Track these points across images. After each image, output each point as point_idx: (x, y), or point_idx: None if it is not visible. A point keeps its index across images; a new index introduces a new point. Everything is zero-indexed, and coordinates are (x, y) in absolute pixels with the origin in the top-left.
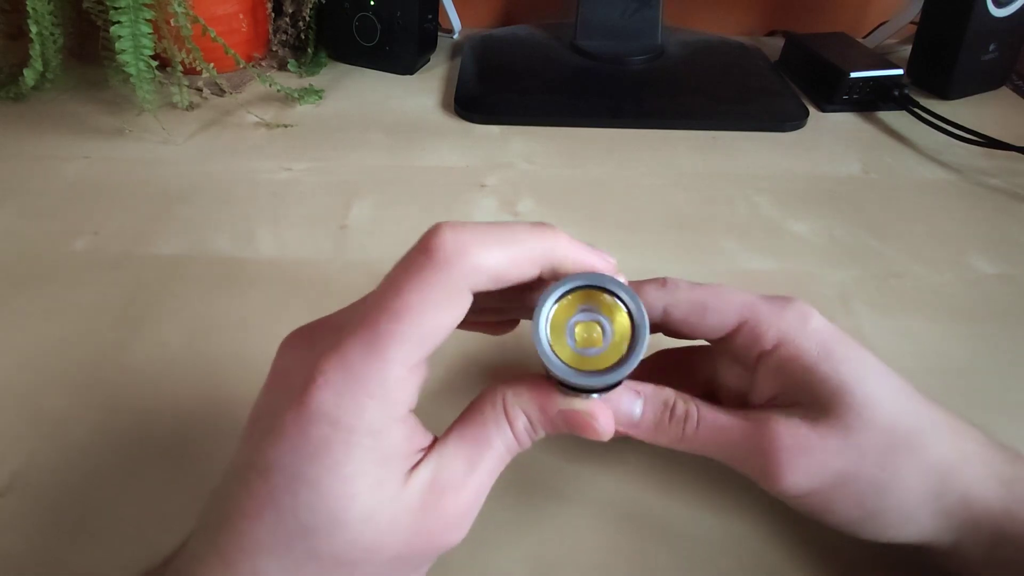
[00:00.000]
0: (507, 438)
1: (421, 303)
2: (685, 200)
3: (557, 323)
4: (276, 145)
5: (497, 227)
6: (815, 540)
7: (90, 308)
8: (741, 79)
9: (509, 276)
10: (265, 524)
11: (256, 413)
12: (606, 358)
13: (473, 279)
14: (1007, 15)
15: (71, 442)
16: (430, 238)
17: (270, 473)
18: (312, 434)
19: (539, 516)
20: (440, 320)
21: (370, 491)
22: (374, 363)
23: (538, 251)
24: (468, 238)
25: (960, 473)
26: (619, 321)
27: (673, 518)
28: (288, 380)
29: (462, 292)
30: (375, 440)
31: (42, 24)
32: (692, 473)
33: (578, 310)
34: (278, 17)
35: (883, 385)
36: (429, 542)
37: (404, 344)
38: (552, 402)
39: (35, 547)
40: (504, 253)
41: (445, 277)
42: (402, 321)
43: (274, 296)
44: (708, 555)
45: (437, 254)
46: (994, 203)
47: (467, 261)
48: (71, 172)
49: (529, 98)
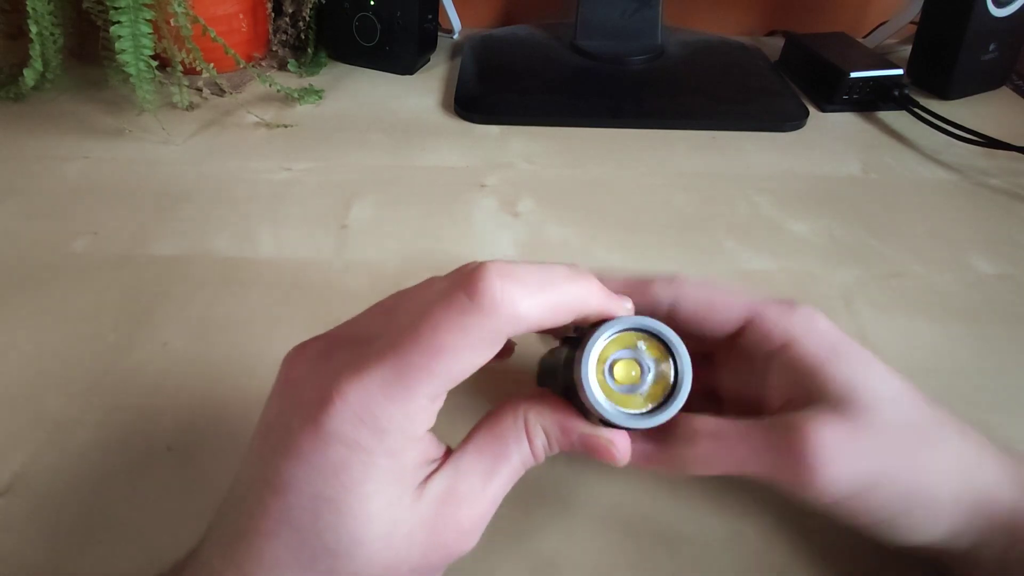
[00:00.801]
0: (524, 453)
1: (458, 345)
2: (685, 200)
3: (598, 360)
4: (276, 145)
5: (540, 274)
6: (817, 544)
7: (90, 308)
8: (741, 79)
9: (545, 325)
10: (283, 542)
11: (266, 425)
12: (645, 398)
13: (513, 328)
14: (1007, 15)
15: (71, 442)
16: (477, 282)
17: (286, 492)
18: (330, 455)
19: (541, 520)
20: (472, 362)
21: (388, 509)
22: (399, 393)
23: (575, 302)
24: (513, 288)
25: (978, 473)
26: (661, 363)
27: (675, 521)
28: (302, 394)
29: (500, 338)
30: (392, 461)
31: (42, 24)
32: (693, 478)
33: (618, 348)
34: (278, 17)
35: (892, 386)
36: (443, 552)
37: (433, 380)
38: (574, 425)
39: (35, 548)
40: (545, 303)
41: (487, 324)
42: (436, 359)
43: (274, 296)
44: (710, 558)
45: (483, 299)
46: (994, 203)
47: (511, 311)
48: (71, 172)
49: (529, 98)
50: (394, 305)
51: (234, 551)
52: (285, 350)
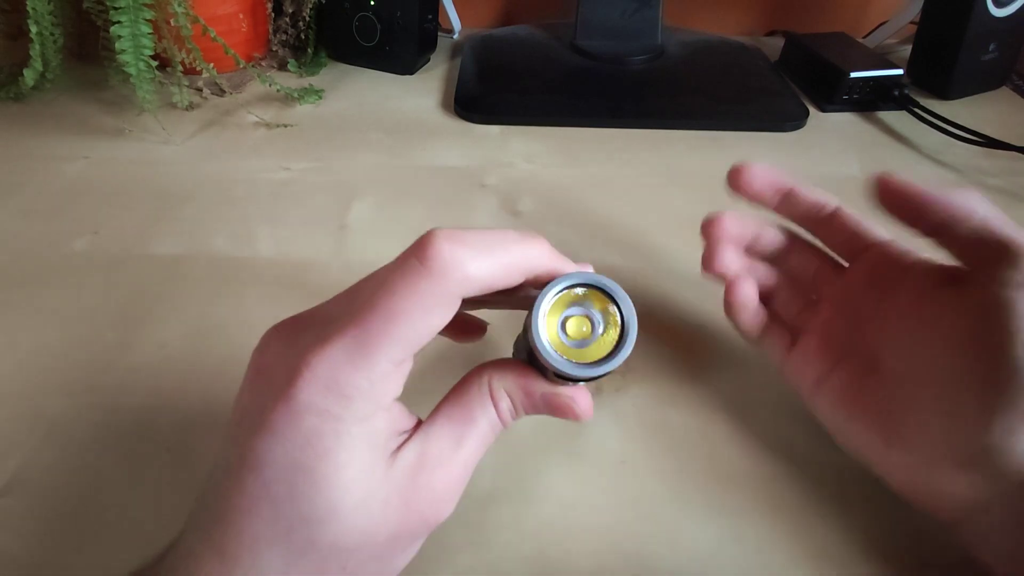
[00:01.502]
0: (491, 417)
1: (413, 308)
2: (685, 200)
3: (550, 317)
4: (276, 145)
5: (488, 236)
6: (815, 542)
7: (90, 308)
8: (741, 79)
9: (496, 285)
10: (262, 518)
11: (240, 411)
12: (595, 350)
13: (464, 287)
14: (1007, 15)
15: (71, 442)
16: (426, 246)
17: (262, 467)
18: (302, 425)
19: (541, 520)
20: (429, 324)
21: (363, 476)
22: (361, 360)
23: (524, 261)
24: (462, 249)
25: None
26: (609, 317)
27: (674, 519)
28: (272, 375)
29: (453, 299)
30: (363, 427)
31: (42, 24)
32: (693, 473)
33: (569, 305)
34: (278, 17)
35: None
36: (420, 518)
37: (393, 344)
38: (536, 386)
39: (34, 547)
40: (494, 263)
41: (438, 285)
42: (394, 322)
43: (274, 296)
44: (708, 555)
45: (433, 262)
46: (994, 203)
47: (460, 271)
48: (71, 172)
49: (529, 98)
50: (356, 286)
51: (213, 533)
52: None
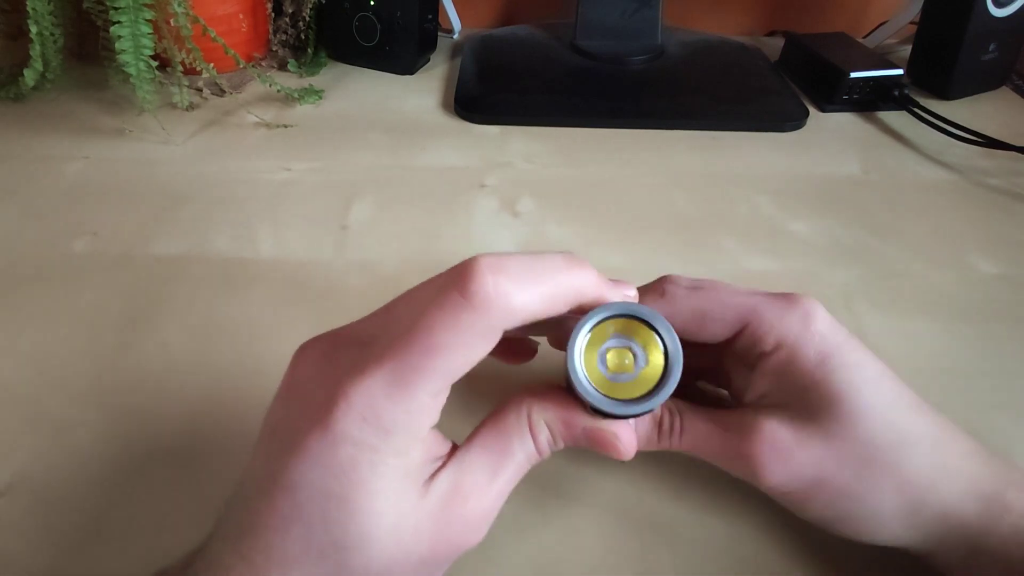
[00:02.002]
0: (528, 449)
1: (453, 344)
2: (685, 200)
3: (590, 347)
4: (276, 145)
5: (533, 265)
6: (817, 543)
7: (90, 309)
8: (741, 79)
9: (540, 316)
10: (292, 538)
11: (272, 425)
12: (636, 385)
13: (507, 321)
14: (1007, 15)
15: (71, 443)
16: (468, 278)
17: (295, 490)
18: (338, 454)
19: (542, 518)
20: (469, 357)
21: (396, 504)
22: (399, 394)
23: (570, 291)
24: (505, 281)
25: (938, 489)
26: (652, 350)
27: (676, 520)
28: (308, 395)
29: (494, 333)
30: (399, 459)
31: (42, 24)
32: (695, 475)
33: (611, 336)
34: (278, 17)
35: (875, 396)
36: (450, 545)
37: (432, 378)
38: (577, 419)
39: (35, 548)
40: (539, 295)
41: (481, 320)
42: (433, 358)
43: (275, 296)
44: (710, 557)
45: (475, 298)
46: (994, 203)
47: (504, 305)
48: (71, 172)
49: (529, 98)
50: (394, 306)
51: (243, 545)
52: (286, 350)
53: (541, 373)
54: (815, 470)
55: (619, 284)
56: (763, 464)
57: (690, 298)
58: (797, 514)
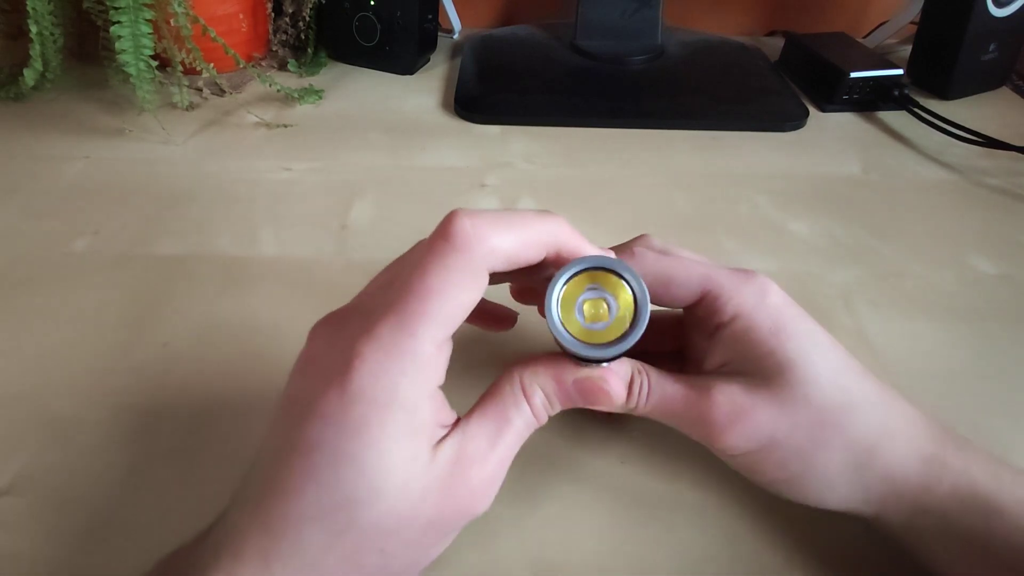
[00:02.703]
0: (525, 414)
1: (445, 284)
2: (685, 200)
3: (567, 300)
4: (276, 145)
5: (508, 214)
6: (815, 539)
7: (91, 309)
8: (741, 79)
9: (520, 258)
10: (307, 498)
11: (290, 397)
12: (611, 331)
13: (490, 260)
14: (1007, 15)
15: (73, 442)
16: (449, 224)
17: (312, 452)
18: (352, 413)
19: (540, 515)
20: (462, 299)
21: (404, 463)
22: (405, 342)
23: (545, 236)
24: (483, 224)
25: (883, 450)
26: (623, 298)
27: (675, 517)
28: (323, 364)
29: (481, 273)
30: (408, 415)
31: (42, 24)
32: (693, 471)
33: (585, 289)
34: (278, 17)
35: (824, 362)
36: (458, 510)
37: (432, 323)
38: (566, 374)
39: (37, 547)
40: (516, 237)
41: (465, 259)
42: (429, 301)
43: (275, 296)
44: (708, 553)
45: (457, 239)
46: (994, 203)
47: (484, 244)
48: (71, 172)
49: (529, 98)
50: (390, 273)
51: (259, 511)
52: (287, 349)
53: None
54: (769, 432)
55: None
56: (721, 426)
57: (658, 262)
58: (751, 478)
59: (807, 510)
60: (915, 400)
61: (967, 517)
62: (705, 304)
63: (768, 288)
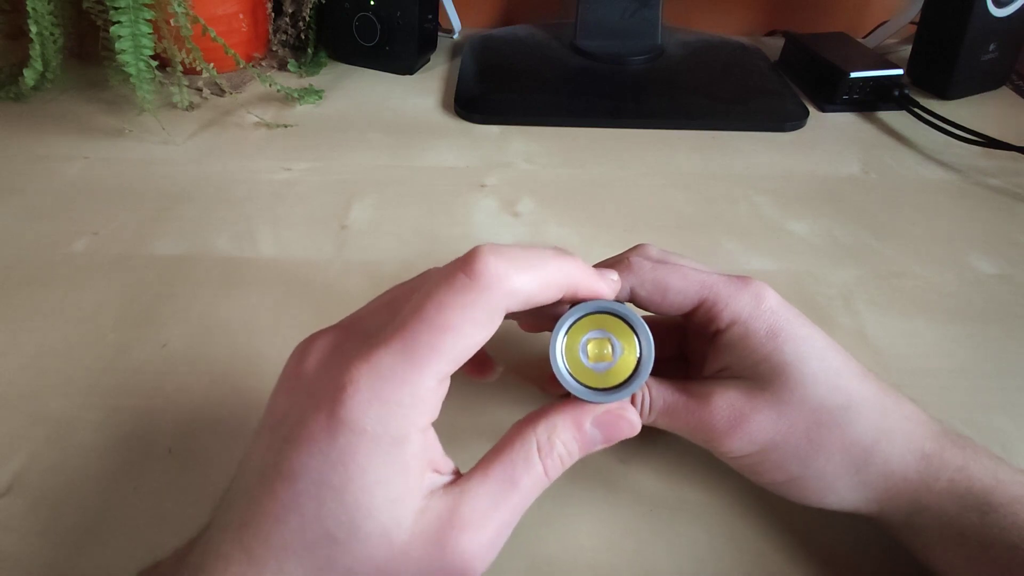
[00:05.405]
0: (535, 474)
1: (463, 321)
2: (685, 200)
3: (572, 339)
4: (276, 145)
5: (529, 253)
6: (817, 541)
7: (90, 309)
8: (741, 79)
9: (537, 299)
10: (290, 528)
11: (276, 415)
12: (616, 372)
13: (508, 302)
14: (1007, 15)
15: (71, 443)
16: (474, 261)
17: (295, 479)
18: (339, 442)
19: (538, 516)
20: (477, 339)
21: (389, 505)
22: (409, 373)
23: (563, 278)
24: (507, 263)
25: (881, 449)
26: (627, 341)
27: (674, 517)
28: (313, 386)
29: (498, 313)
30: (398, 449)
31: (42, 24)
32: (694, 471)
33: (590, 330)
34: (278, 17)
35: (821, 364)
36: (445, 573)
37: (441, 358)
38: (584, 417)
39: (35, 548)
40: (536, 278)
41: (486, 300)
42: (443, 336)
43: (275, 296)
44: (709, 555)
45: (481, 278)
46: (994, 203)
47: (506, 285)
48: (71, 172)
49: (529, 98)
50: (394, 297)
51: (243, 535)
52: (286, 350)
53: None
54: (769, 434)
55: (602, 271)
56: (721, 431)
57: (655, 271)
58: (752, 479)
59: (809, 510)
60: (915, 400)
61: (964, 514)
62: (703, 311)
63: (764, 293)
